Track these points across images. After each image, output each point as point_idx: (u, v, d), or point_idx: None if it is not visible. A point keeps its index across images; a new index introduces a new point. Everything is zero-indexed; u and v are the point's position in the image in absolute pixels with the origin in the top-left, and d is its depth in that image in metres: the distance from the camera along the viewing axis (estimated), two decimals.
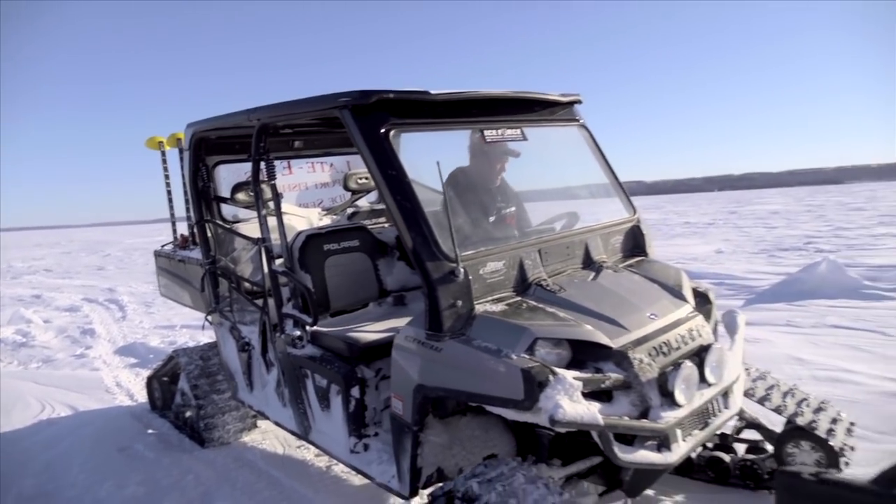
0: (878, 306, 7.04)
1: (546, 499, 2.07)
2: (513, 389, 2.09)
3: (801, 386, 4.37)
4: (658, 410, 2.24)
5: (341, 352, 2.99)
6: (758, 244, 15.08)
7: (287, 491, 3.56)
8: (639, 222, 3.20)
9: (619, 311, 2.44)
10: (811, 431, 2.87)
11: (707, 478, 3.24)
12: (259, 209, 3.17)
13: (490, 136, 2.82)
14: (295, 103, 2.84)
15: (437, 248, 2.32)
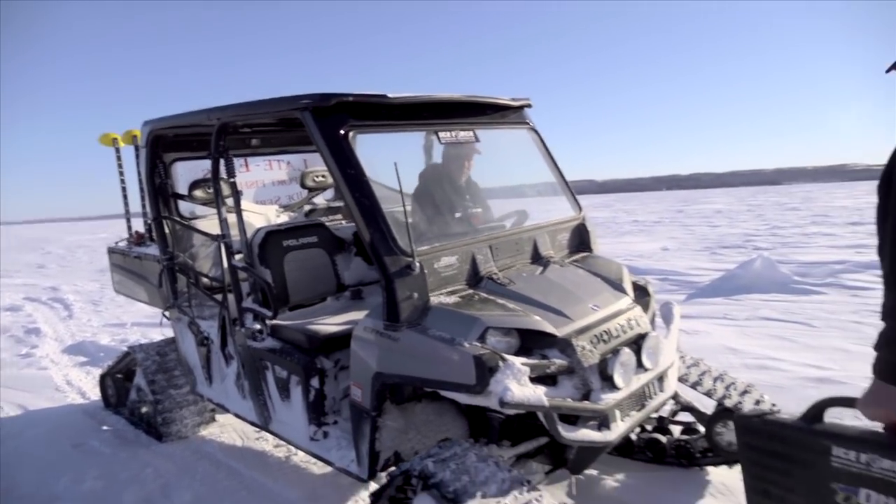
0: (806, 300, 7.52)
1: (496, 475, 2.23)
2: (465, 375, 2.25)
3: (733, 373, 4.69)
4: (599, 393, 2.44)
5: (301, 344, 3.11)
6: (701, 242, 15.71)
7: (247, 480, 3.65)
8: (584, 220, 3.41)
9: (564, 302, 2.63)
10: (737, 412, 3.13)
11: (646, 458, 3.48)
12: (219, 206, 3.25)
13: (445, 137, 2.98)
14: (256, 104, 2.94)
15: (395, 243, 2.47)
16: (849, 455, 1.74)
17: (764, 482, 2.00)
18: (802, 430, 1.88)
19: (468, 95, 3.03)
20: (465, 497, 2.10)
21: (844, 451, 1.75)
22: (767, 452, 1.98)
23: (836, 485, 1.78)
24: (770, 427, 1.98)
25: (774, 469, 1.97)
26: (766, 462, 2.00)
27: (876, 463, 1.67)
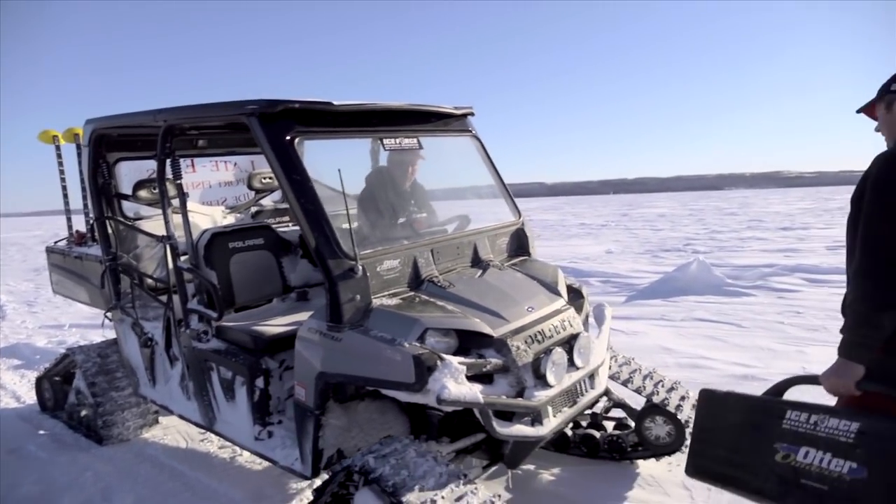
0: (737, 302, 7.92)
1: (434, 469, 2.34)
2: (405, 374, 2.35)
3: (666, 371, 4.95)
4: (532, 390, 2.58)
5: (246, 344, 3.16)
6: (643, 245, 16.23)
7: (191, 482, 3.66)
8: (523, 225, 3.55)
9: (501, 304, 2.76)
10: (663, 408, 3.34)
11: (581, 453, 3.66)
12: (164, 207, 3.26)
13: (389, 144, 3.08)
14: (203, 107, 2.97)
15: (338, 247, 2.55)
16: (800, 417, 1.99)
17: (712, 446, 2.23)
18: (764, 398, 2.19)
19: (412, 104, 3.13)
20: (403, 490, 2.20)
21: (797, 413, 2.00)
22: (724, 422, 2.21)
23: (780, 444, 2.01)
24: (734, 400, 2.23)
25: (725, 436, 2.19)
26: (719, 431, 2.22)
27: (823, 423, 1.93)
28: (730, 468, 2.15)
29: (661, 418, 3.39)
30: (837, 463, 1.88)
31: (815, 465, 1.92)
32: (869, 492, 1.80)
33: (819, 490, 1.90)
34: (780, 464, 2.00)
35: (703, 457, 2.25)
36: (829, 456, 1.90)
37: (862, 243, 1.87)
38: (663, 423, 3.39)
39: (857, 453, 1.85)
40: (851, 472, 1.85)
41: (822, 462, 1.91)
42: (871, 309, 1.84)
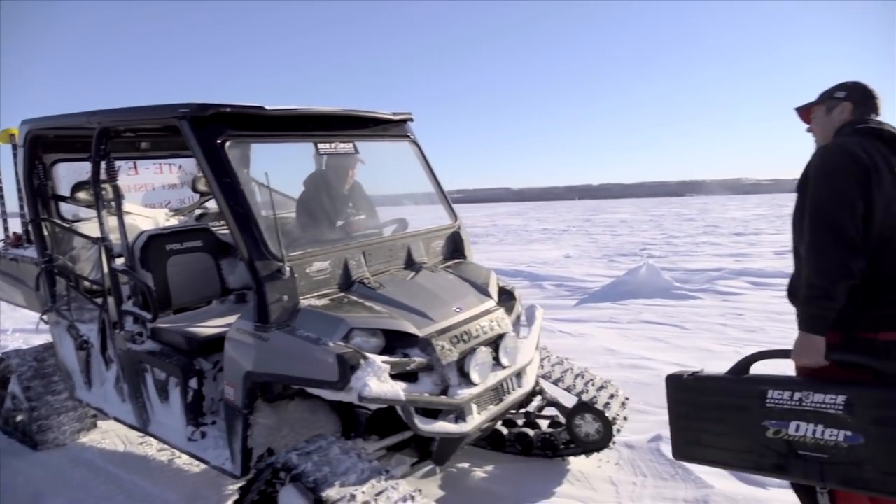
0: (684, 304, 8.16)
1: (357, 466, 2.40)
2: (329, 372, 2.41)
3: (607, 372, 5.10)
4: (456, 388, 2.66)
5: (180, 346, 3.17)
6: (601, 250, 16.52)
7: (126, 485, 3.64)
8: (459, 229, 3.64)
9: (429, 305, 2.84)
10: (592, 405, 3.45)
11: (516, 451, 3.75)
12: (99, 209, 3.25)
13: (324, 148, 3.13)
14: (136, 110, 2.99)
15: (266, 248, 2.60)
16: (783, 395, 2.11)
17: (696, 432, 2.34)
18: (740, 381, 2.26)
19: (347, 109, 3.20)
20: (324, 486, 2.26)
21: (779, 392, 2.12)
22: (701, 404, 2.32)
23: (768, 422, 2.14)
24: (704, 382, 2.34)
25: (708, 418, 2.30)
26: (698, 413, 2.33)
27: (808, 398, 2.06)
28: (720, 450, 2.28)
29: (590, 416, 3.50)
30: (831, 433, 2.02)
31: (808, 436, 2.06)
32: (871, 454, 1.95)
33: (820, 458, 2.04)
34: (772, 439, 2.13)
35: (687, 441, 2.37)
36: (822, 427, 2.03)
37: (811, 223, 2.08)
38: (592, 421, 3.50)
39: (849, 422, 1.98)
40: (848, 439, 1.99)
41: (816, 433, 2.04)
42: (826, 282, 2.03)
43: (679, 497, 3.21)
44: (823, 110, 2.37)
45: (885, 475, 1.95)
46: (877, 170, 2.07)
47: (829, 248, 2.03)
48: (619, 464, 3.62)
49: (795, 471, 2.11)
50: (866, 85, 2.32)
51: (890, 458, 1.94)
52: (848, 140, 2.16)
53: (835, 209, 2.04)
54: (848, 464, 1.99)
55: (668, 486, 3.33)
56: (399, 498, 2.29)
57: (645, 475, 3.48)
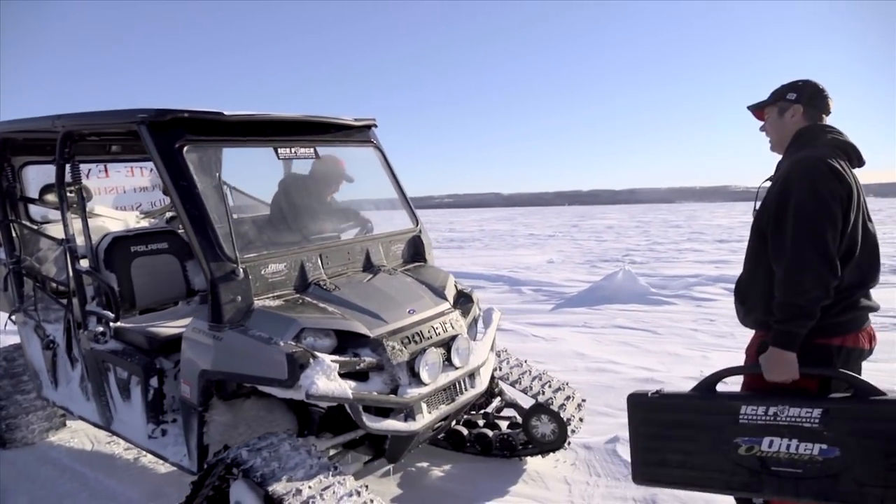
0: (658, 310, 8.27)
1: (306, 462, 2.48)
2: (279, 370, 2.49)
3: (575, 375, 5.20)
4: (406, 388, 2.73)
5: (142, 345, 3.24)
6: (585, 255, 16.64)
7: (91, 483, 3.70)
8: (420, 232, 3.72)
9: (382, 306, 2.92)
10: (548, 406, 3.54)
11: (475, 451, 3.84)
12: (63, 211, 3.31)
13: (283, 153, 3.21)
14: (97, 114, 3.06)
15: (221, 250, 2.67)
16: (757, 410, 2.10)
17: (661, 452, 2.30)
18: (712, 398, 2.25)
19: (307, 115, 3.27)
20: (271, 481, 2.33)
21: (753, 408, 2.11)
22: (668, 423, 2.29)
23: (740, 439, 2.13)
24: (672, 401, 2.32)
25: (675, 437, 2.26)
26: (665, 433, 2.29)
27: (783, 413, 2.06)
28: (687, 470, 2.24)
29: (546, 417, 3.59)
30: (806, 447, 2.03)
31: (782, 452, 2.06)
32: (848, 467, 1.97)
33: (794, 474, 2.05)
34: (744, 457, 2.12)
35: (652, 464, 2.32)
36: (797, 441, 2.03)
37: (796, 241, 2.06)
38: (548, 422, 3.59)
39: (825, 435, 2.00)
40: (823, 452, 2.01)
41: (790, 448, 2.05)
42: (808, 301, 2.03)
43: (629, 496, 3.30)
44: (776, 111, 2.35)
45: (861, 486, 1.97)
46: (853, 187, 2.11)
47: (814, 269, 2.02)
48: (574, 464, 3.71)
49: (768, 488, 2.11)
50: (817, 84, 2.31)
51: (867, 469, 1.96)
52: (824, 152, 2.15)
53: (822, 229, 2.03)
54: (823, 477, 2.00)
55: (620, 486, 3.42)
56: (345, 493, 2.36)
57: (599, 475, 3.56)
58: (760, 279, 2.25)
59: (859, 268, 2.15)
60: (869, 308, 2.22)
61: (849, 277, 2.13)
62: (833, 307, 2.11)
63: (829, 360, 2.15)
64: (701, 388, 2.31)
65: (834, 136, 2.25)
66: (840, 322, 2.15)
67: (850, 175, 2.15)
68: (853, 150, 2.24)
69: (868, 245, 2.19)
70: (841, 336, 2.16)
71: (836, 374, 2.11)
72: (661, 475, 2.32)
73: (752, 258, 2.31)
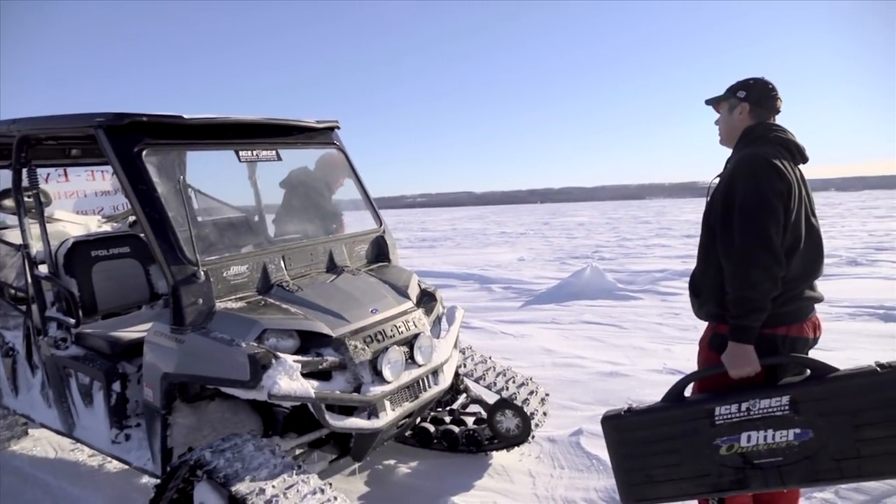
0: (625, 305, 8.42)
1: (269, 462, 2.50)
2: (241, 372, 2.50)
3: (541, 370, 5.29)
4: (368, 386, 2.77)
5: (104, 350, 3.22)
6: (555, 253, 16.82)
7: (53, 490, 3.66)
8: (384, 233, 3.76)
9: (345, 306, 2.95)
10: (511, 402, 3.61)
11: (442, 447, 3.89)
12: (21, 216, 3.28)
13: (245, 156, 3.22)
14: (54, 118, 3.04)
15: (182, 253, 2.68)
16: (730, 409, 2.15)
17: (645, 470, 2.29)
18: (685, 406, 2.27)
19: (268, 118, 3.29)
20: (234, 481, 2.35)
21: (725, 407, 2.15)
22: (647, 440, 2.28)
23: (719, 440, 2.17)
24: (647, 416, 2.29)
25: (656, 452, 2.26)
26: (645, 450, 2.28)
27: (755, 406, 2.12)
28: (674, 482, 2.26)
29: (510, 412, 3.66)
30: (782, 434, 2.10)
31: (760, 443, 2.13)
32: (823, 445, 2.06)
33: (775, 462, 2.12)
34: (727, 456, 2.17)
35: (636, 483, 2.31)
36: (772, 431, 2.11)
37: (742, 236, 2.14)
38: (512, 416, 3.66)
39: (796, 420, 2.08)
40: (798, 436, 2.09)
41: (767, 438, 2.12)
42: (760, 294, 2.11)
43: (591, 486, 3.38)
44: (727, 107, 2.44)
45: (837, 462, 2.07)
46: (793, 184, 2.19)
47: (762, 263, 2.10)
48: (539, 457, 3.78)
49: (755, 482, 2.17)
50: (767, 84, 2.38)
51: (840, 443, 2.06)
52: (767, 150, 2.24)
53: (766, 225, 2.12)
54: (803, 460, 2.09)
55: (583, 477, 3.50)
56: (308, 491, 2.39)
57: (563, 467, 3.64)
58: (712, 273, 2.33)
59: (803, 260, 2.25)
60: (813, 299, 2.31)
61: (793, 270, 2.21)
62: (777, 298, 2.18)
63: (774, 349, 2.23)
64: (670, 398, 2.33)
65: (778, 135, 2.33)
66: (784, 312, 2.23)
67: (791, 172, 2.23)
68: (796, 148, 2.33)
69: (812, 239, 2.28)
70: (785, 326, 2.25)
71: (793, 359, 2.21)
72: (650, 492, 2.31)
73: (704, 253, 2.40)
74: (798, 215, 2.22)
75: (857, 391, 2.06)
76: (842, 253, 12.82)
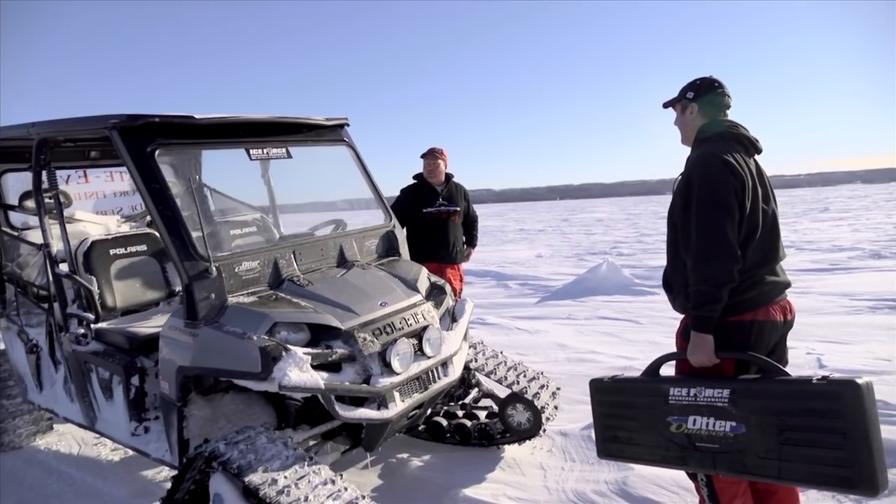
0: (641, 300, 8.38)
1: (282, 453, 2.55)
2: (252, 364, 2.56)
3: (555, 366, 5.30)
4: (378, 378, 2.81)
5: (123, 345, 3.31)
6: (574, 249, 16.78)
7: (77, 483, 3.76)
8: (393, 227, 3.80)
9: (354, 300, 3.00)
10: (522, 395, 3.64)
11: (455, 441, 3.92)
12: (41, 217, 3.37)
13: (255, 154, 3.28)
14: (70, 121, 3.13)
15: (194, 249, 2.75)
16: (681, 392, 2.34)
17: (614, 429, 2.59)
18: (647, 381, 2.51)
19: (278, 116, 3.34)
20: (248, 472, 2.41)
21: (679, 389, 2.35)
22: (617, 404, 2.58)
23: (671, 418, 2.37)
24: (620, 384, 2.61)
25: (623, 416, 2.54)
26: (616, 412, 2.58)
27: (701, 394, 2.29)
28: (635, 446, 2.50)
29: (521, 406, 3.68)
30: (720, 424, 2.25)
31: (703, 429, 2.29)
32: (751, 441, 2.18)
33: (712, 448, 2.27)
34: (675, 434, 2.36)
35: (609, 440, 2.60)
36: (713, 420, 2.26)
37: (699, 233, 2.26)
38: (523, 410, 3.68)
39: (733, 413, 2.22)
40: (733, 429, 2.22)
41: (709, 426, 2.27)
42: (714, 287, 2.23)
43: (601, 479, 3.40)
44: (680, 109, 2.57)
45: (762, 459, 2.16)
46: (746, 177, 2.30)
47: (717, 258, 2.22)
48: (551, 450, 3.80)
49: (693, 462, 2.33)
50: (713, 82, 2.49)
51: (765, 442, 2.15)
52: (720, 147, 2.35)
53: (720, 221, 2.23)
54: (734, 451, 2.22)
55: (593, 470, 3.52)
56: (320, 482, 2.44)
57: (574, 460, 3.66)
58: (679, 268, 2.44)
59: (762, 247, 2.35)
60: (777, 283, 2.41)
61: (752, 257, 2.32)
62: (740, 286, 2.29)
63: (744, 335, 2.33)
64: (647, 373, 2.55)
65: (730, 130, 2.43)
66: (747, 299, 2.33)
67: (744, 166, 2.33)
68: (749, 142, 2.43)
69: (767, 226, 2.38)
70: (751, 311, 2.33)
71: (747, 357, 2.30)
72: (615, 450, 2.59)
73: (671, 249, 2.51)
74: (754, 205, 2.32)
75: (786, 396, 2.16)
76: (865, 246, 12.62)
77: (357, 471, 3.63)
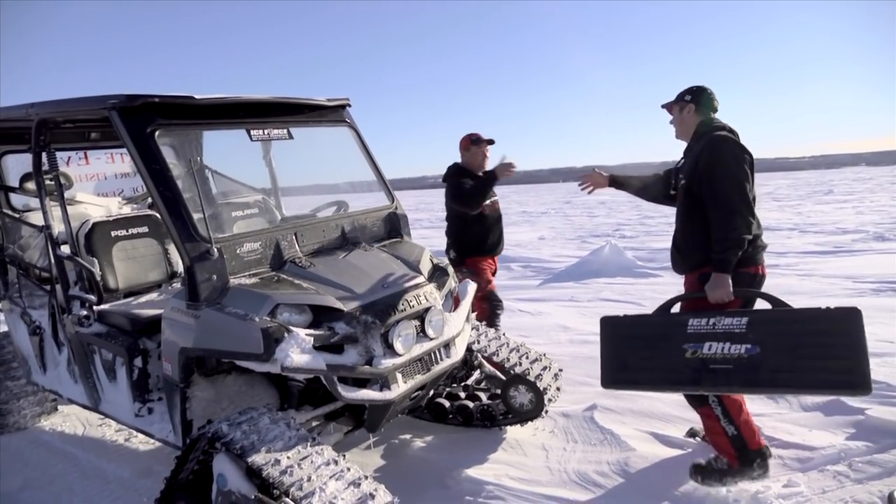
0: (644, 282, 8.37)
1: (284, 434, 2.56)
2: (254, 345, 2.56)
3: (557, 347, 5.30)
4: (380, 359, 2.81)
5: (125, 327, 3.31)
6: (576, 231, 16.75)
7: (82, 463, 3.79)
8: (396, 209, 3.78)
9: (356, 281, 2.99)
10: (524, 377, 3.64)
11: (457, 422, 3.94)
12: (42, 198, 3.36)
13: (256, 135, 3.25)
14: (70, 101, 3.09)
15: (195, 231, 2.73)
16: (700, 322, 2.77)
17: (624, 358, 2.96)
18: (669, 315, 2.96)
19: (279, 97, 3.31)
20: (251, 452, 2.41)
21: (698, 320, 2.78)
22: (631, 336, 2.98)
23: (687, 345, 2.77)
24: (636, 318, 3.08)
25: (637, 347, 2.92)
26: (628, 344, 2.96)
27: (720, 322, 2.73)
28: (645, 372, 2.88)
29: (523, 387, 3.68)
30: (736, 347, 2.67)
31: (718, 353, 2.70)
32: (765, 359, 2.61)
33: (726, 369, 2.68)
34: (689, 359, 2.76)
35: (616, 369, 2.98)
36: (729, 344, 2.68)
37: (725, 192, 2.80)
38: (525, 392, 3.68)
39: (749, 337, 2.65)
40: (748, 350, 2.65)
41: (724, 349, 2.69)
42: (739, 234, 2.77)
43: (603, 460, 3.41)
44: (678, 109, 3.16)
45: (773, 373, 2.59)
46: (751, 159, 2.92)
47: (741, 210, 2.80)
48: (553, 431, 3.82)
49: (706, 382, 2.73)
50: (706, 89, 3.11)
51: (779, 359, 2.60)
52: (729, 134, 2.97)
53: (743, 182, 2.83)
54: (748, 369, 2.64)
55: (595, 451, 3.53)
56: (322, 462, 2.45)
57: (576, 441, 3.67)
58: (695, 229, 2.97)
59: (757, 218, 2.88)
60: (764, 247, 3.00)
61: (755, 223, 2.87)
62: (750, 244, 2.85)
63: (751, 282, 2.92)
64: (660, 311, 3.02)
65: (725, 125, 3.04)
66: (752, 255, 2.91)
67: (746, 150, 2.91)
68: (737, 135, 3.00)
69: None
70: (755, 266, 2.94)
71: (763, 295, 2.85)
72: (624, 377, 2.97)
73: (685, 215, 3.07)
74: (753, 183, 2.89)
75: (800, 320, 2.65)
76: (869, 228, 12.57)
77: (360, 451, 3.64)
